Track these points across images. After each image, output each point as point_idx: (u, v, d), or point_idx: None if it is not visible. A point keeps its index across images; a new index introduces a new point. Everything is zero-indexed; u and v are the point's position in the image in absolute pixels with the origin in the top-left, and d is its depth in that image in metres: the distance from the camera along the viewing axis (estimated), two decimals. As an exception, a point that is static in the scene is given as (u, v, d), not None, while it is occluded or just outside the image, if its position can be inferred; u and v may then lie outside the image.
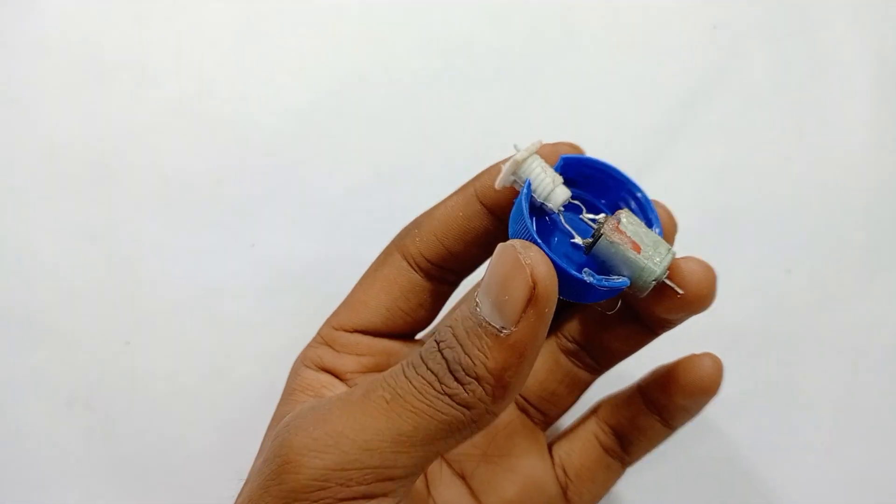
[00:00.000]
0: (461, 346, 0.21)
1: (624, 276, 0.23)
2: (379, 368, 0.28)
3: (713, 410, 0.39)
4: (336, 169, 0.39)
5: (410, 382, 0.22)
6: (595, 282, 0.22)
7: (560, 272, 0.22)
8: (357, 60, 0.40)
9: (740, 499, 0.39)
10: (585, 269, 0.23)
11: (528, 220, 0.22)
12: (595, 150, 0.40)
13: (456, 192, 0.28)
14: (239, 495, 0.25)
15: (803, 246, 0.40)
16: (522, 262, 0.20)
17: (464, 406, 0.21)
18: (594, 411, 0.31)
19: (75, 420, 0.38)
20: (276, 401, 0.29)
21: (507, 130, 0.40)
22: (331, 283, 0.39)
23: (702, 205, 0.40)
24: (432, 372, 0.21)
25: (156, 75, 0.39)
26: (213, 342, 0.38)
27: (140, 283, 0.38)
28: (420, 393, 0.21)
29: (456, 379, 0.21)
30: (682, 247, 0.27)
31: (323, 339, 0.29)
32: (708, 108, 0.40)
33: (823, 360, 0.39)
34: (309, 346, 0.29)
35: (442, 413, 0.21)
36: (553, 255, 0.22)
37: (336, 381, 0.28)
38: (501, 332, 0.21)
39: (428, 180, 0.39)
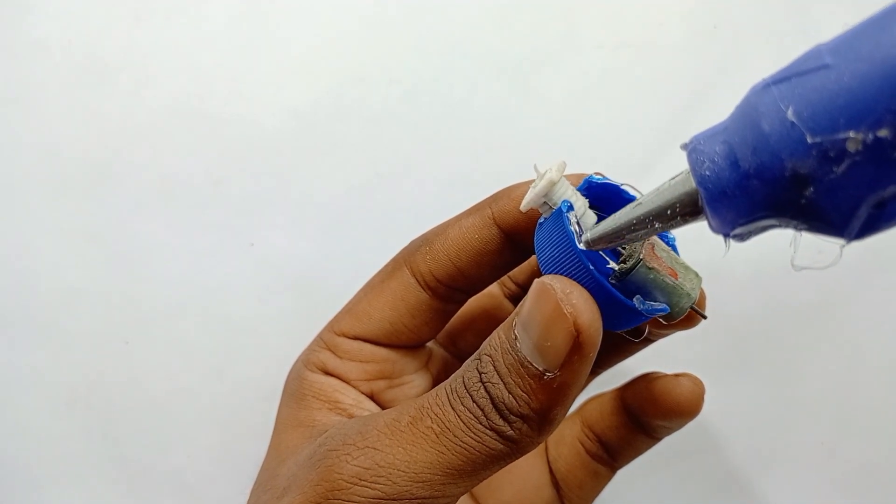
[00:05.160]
0: (504, 383, 0.21)
1: (660, 301, 0.22)
2: (383, 376, 0.28)
3: (712, 411, 0.39)
4: (336, 169, 0.39)
5: (458, 416, 0.22)
6: (645, 309, 0.21)
7: (607, 302, 0.21)
8: (357, 60, 0.40)
9: (739, 499, 0.39)
10: (637, 296, 0.22)
11: (577, 246, 0.21)
12: (595, 150, 0.40)
13: (471, 212, 0.27)
14: None
15: (803, 245, 0.40)
16: (564, 310, 0.20)
17: (510, 441, 0.22)
18: (579, 413, 0.31)
19: (75, 420, 0.38)
20: (276, 400, 0.29)
21: (507, 130, 0.40)
22: (330, 283, 0.39)
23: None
24: (478, 406, 0.22)
25: (156, 75, 0.39)
26: (213, 342, 0.38)
27: (140, 283, 0.38)
28: (468, 427, 0.21)
29: (501, 416, 0.21)
30: (684, 247, 0.27)
31: (325, 343, 0.28)
32: (708, 108, 0.40)
33: (823, 360, 0.39)
34: (310, 349, 0.29)
35: (489, 448, 0.21)
36: (609, 286, 0.21)
37: (346, 385, 0.28)
38: (545, 375, 0.21)
39: (428, 180, 0.39)
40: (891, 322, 0.40)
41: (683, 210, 0.18)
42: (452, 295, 0.28)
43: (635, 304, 0.21)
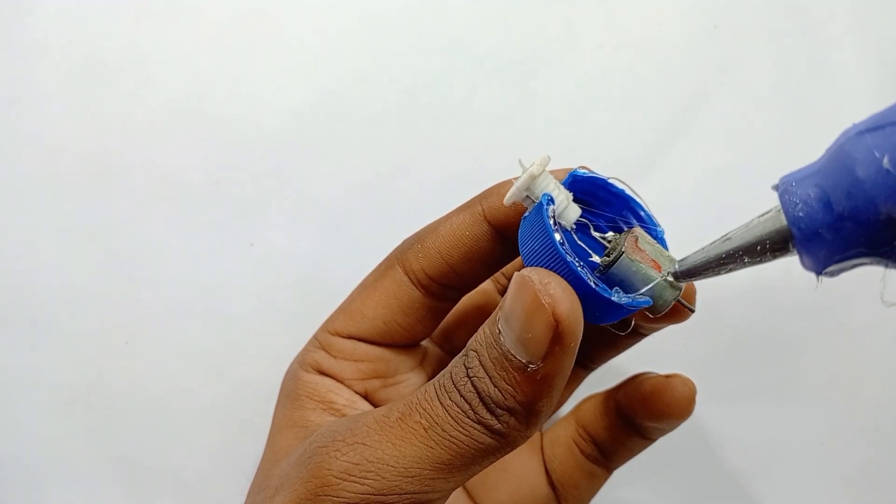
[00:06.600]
0: (489, 377, 0.21)
1: (643, 294, 0.22)
2: (377, 375, 0.28)
3: (712, 411, 0.39)
4: (336, 169, 0.39)
5: (447, 411, 0.22)
6: (626, 302, 0.21)
7: (587, 294, 0.21)
8: (357, 60, 0.40)
9: (739, 499, 0.39)
10: (615, 288, 0.22)
11: (554, 238, 0.21)
12: (595, 150, 0.40)
13: (461, 210, 0.27)
14: None
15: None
16: (542, 301, 0.20)
17: (498, 435, 0.22)
18: (574, 413, 0.31)
19: (75, 420, 0.38)
20: (275, 400, 0.29)
21: (507, 130, 0.40)
22: (330, 283, 0.39)
23: (702, 205, 0.40)
24: (465, 400, 0.22)
25: (156, 75, 0.39)
26: (213, 342, 0.38)
27: (140, 283, 0.38)
28: (456, 422, 0.22)
29: (488, 410, 0.21)
30: (684, 247, 0.27)
31: (320, 343, 0.28)
32: (708, 108, 0.40)
33: (823, 360, 0.39)
34: (305, 349, 0.29)
35: (478, 442, 0.21)
36: (585, 277, 0.21)
37: (340, 385, 0.28)
38: (528, 367, 0.21)
39: (428, 180, 0.39)
40: (891, 322, 0.40)
41: (774, 247, 0.19)
42: (445, 293, 0.28)
43: (613, 296, 0.21)
